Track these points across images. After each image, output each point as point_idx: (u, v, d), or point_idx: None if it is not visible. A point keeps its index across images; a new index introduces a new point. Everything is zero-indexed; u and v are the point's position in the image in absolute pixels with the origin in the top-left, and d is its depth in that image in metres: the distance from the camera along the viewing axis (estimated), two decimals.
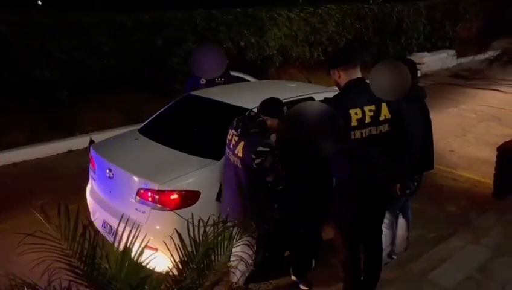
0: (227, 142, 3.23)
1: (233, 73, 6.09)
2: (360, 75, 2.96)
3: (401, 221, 3.87)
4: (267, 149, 2.95)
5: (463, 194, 5.39)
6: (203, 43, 7.53)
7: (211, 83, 5.06)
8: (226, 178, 3.28)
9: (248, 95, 4.49)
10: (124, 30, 8.01)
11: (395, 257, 3.89)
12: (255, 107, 3.31)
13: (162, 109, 4.49)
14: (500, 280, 3.38)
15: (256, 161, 2.95)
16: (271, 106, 3.20)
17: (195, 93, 4.52)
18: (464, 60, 13.03)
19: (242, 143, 3.06)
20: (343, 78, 2.93)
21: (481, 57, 10.90)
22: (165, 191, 3.25)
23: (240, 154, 3.06)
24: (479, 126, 8.09)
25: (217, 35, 8.90)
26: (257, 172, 3.00)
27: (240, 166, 3.09)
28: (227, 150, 3.24)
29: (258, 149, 2.95)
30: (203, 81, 5.07)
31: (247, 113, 3.32)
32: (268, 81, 7.75)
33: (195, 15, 8.88)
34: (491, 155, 5.45)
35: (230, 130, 3.22)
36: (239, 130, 3.13)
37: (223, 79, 5.17)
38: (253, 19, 9.58)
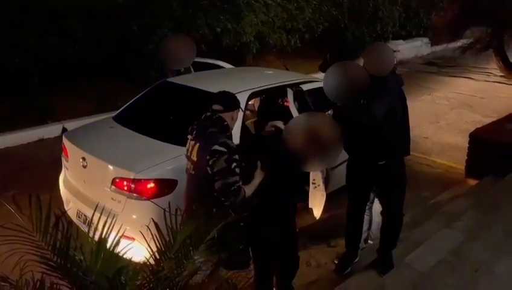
0: (186, 152, 2.89)
1: (208, 60, 6.02)
2: None
3: (377, 207, 3.92)
4: (223, 149, 2.61)
5: (436, 180, 5.54)
6: (172, 34, 7.40)
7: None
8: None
9: (224, 82, 4.45)
10: (97, 15, 7.77)
11: (371, 242, 3.95)
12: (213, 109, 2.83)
13: (137, 96, 4.40)
14: (472, 262, 3.47)
15: (210, 162, 2.61)
16: (228, 98, 2.86)
17: (170, 80, 4.44)
18: (437, 48, 13.23)
19: (197, 145, 2.73)
20: None
21: (454, 45, 11.09)
22: (141, 179, 3.21)
23: (195, 158, 2.73)
24: (452, 113, 8.28)
25: (194, 21, 8.74)
26: (208, 181, 2.62)
27: (193, 172, 2.77)
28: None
29: (213, 148, 2.62)
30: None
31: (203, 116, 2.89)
32: (245, 68, 7.71)
33: (171, 0, 8.69)
34: (463, 141, 5.60)
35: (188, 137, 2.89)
36: (194, 132, 2.82)
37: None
38: (230, 5, 9.44)
